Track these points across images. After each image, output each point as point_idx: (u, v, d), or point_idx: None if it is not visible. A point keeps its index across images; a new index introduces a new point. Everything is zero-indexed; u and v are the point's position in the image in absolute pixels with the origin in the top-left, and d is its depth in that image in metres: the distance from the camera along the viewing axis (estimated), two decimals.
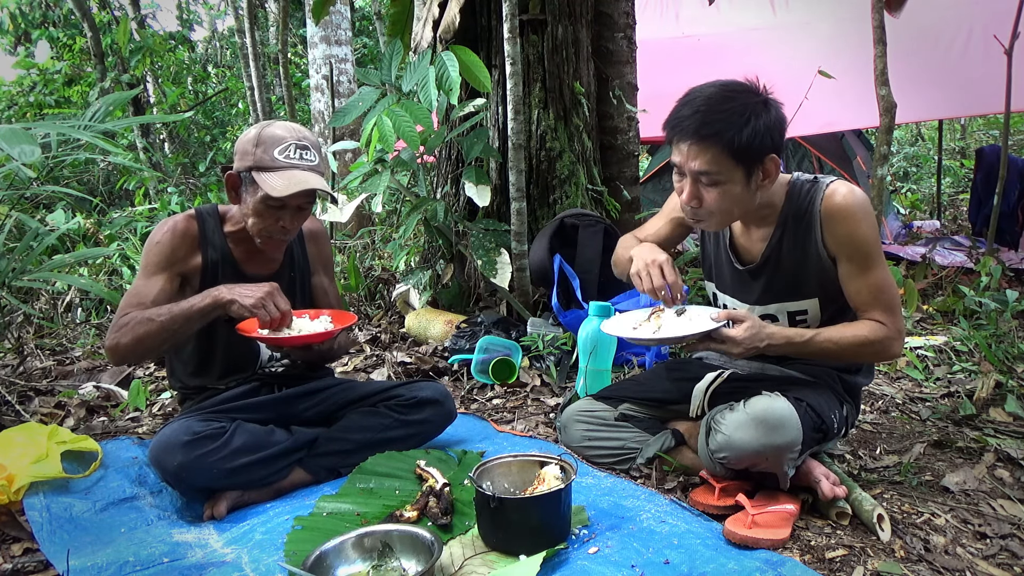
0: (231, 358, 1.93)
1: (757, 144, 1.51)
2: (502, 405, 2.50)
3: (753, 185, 1.58)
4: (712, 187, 1.56)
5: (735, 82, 1.57)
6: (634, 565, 1.42)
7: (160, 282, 1.78)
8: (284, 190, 1.70)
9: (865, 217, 1.59)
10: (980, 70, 4.95)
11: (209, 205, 1.92)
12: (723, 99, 1.53)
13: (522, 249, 3.09)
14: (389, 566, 1.42)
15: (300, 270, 2.03)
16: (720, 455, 1.60)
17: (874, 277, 1.61)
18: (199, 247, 1.85)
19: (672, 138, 1.58)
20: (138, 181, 6.99)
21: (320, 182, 1.76)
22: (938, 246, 4.93)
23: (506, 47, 2.96)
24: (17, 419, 2.31)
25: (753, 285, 1.76)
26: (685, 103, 1.56)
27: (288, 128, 1.79)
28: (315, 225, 2.09)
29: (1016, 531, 1.58)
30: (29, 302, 3.92)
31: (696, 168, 1.54)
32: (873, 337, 1.61)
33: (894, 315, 1.63)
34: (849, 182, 1.67)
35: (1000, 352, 2.66)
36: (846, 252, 1.62)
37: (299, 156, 1.76)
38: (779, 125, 1.55)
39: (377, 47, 11.14)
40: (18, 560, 1.53)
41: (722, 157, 1.52)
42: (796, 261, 1.67)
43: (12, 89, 9.87)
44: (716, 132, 1.50)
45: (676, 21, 6.14)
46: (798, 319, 1.74)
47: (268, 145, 1.74)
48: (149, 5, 10.31)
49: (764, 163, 1.56)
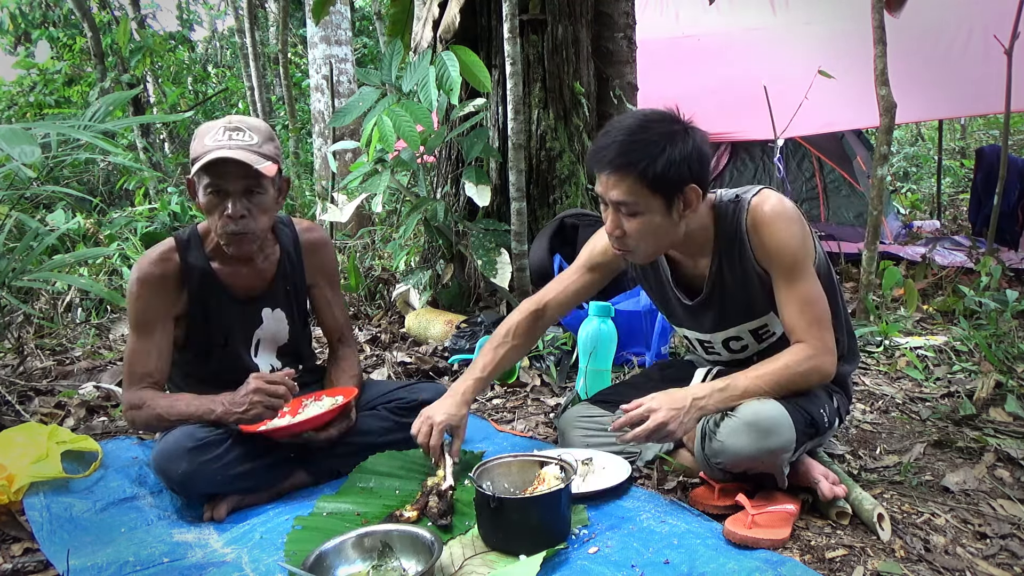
0: (229, 379, 1.86)
1: (673, 174, 1.51)
2: (502, 405, 2.50)
3: (675, 215, 1.57)
4: (632, 217, 1.57)
5: (655, 112, 1.58)
6: (634, 565, 1.42)
7: (155, 339, 1.76)
8: (198, 165, 1.63)
9: (787, 225, 1.58)
10: (980, 70, 4.94)
11: (189, 227, 1.85)
12: (639, 128, 1.54)
13: (522, 249, 3.09)
14: (389, 566, 1.42)
15: (295, 282, 1.95)
16: (716, 460, 1.60)
17: (801, 289, 1.59)
18: (182, 284, 1.78)
19: (592, 169, 1.60)
20: (138, 181, 6.99)
21: (244, 155, 1.63)
22: (938, 246, 4.93)
23: (506, 47, 2.96)
24: (17, 419, 2.30)
25: (705, 316, 1.76)
26: (605, 134, 1.58)
27: (227, 118, 1.72)
28: (315, 235, 2.01)
29: (1016, 531, 1.58)
30: (29, 302, 3.92)
31: (614, 198, 1.56)
32: (793, 361, 1.58)
33: (820, 332, 1.59)
34: (776, 191, 1.65)
35: (1000, 352, 2.65)
36: (772, 263, 1.61)
37: (227, 137, 1.66)
38: (698, 154, 1.54)
39: (377, 47, 11.14)
40: (18, 560, 1.53)
41: (638, 187, 1.53)
42: (739, 283, 1.67)
43: (12, 89, 9.87)
44: (630, 162, 1.51)
45: (676, 21, 6.14)
46: (761, 333, 1.74)
47: (201, 136, 1.69)
48: (149, 5, 10.32)
49: (684, 192, 1.55)
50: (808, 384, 1.62)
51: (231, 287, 1.84)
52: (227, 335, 1.86)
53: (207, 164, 1.64)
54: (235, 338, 1.88)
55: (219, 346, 1.85)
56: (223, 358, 1.86)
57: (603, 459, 1.80)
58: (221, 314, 1.84)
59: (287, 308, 1.96)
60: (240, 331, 1.89)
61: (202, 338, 1.83)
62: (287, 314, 1.96)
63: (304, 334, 2.05)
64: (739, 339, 1.77)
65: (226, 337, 1.86)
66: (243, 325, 1.89)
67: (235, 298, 1.85)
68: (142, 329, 1.76)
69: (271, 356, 1.97)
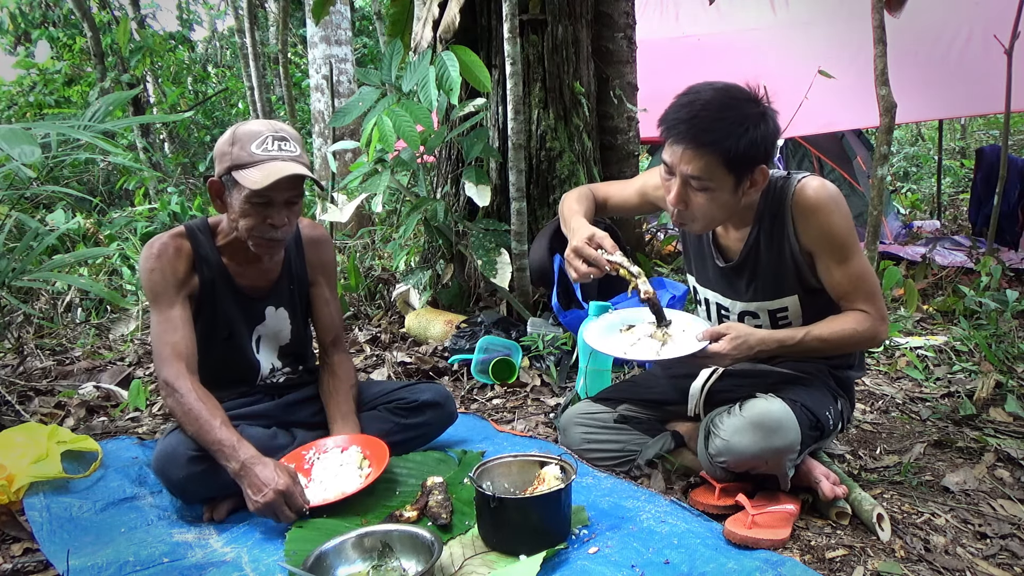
0: (231, 374, 1.90)
1: (751, 155, 1.51)
2: (502, 405, 2.50)
3: (740, 193, 1.58)
4: (700, 192, 1.56)
5: (736, 88, 1.56)
6: (634, 565, 1.42)
7: (177, 311, 1.73)
8: (264, 181, 1.64)
9: (836, 209, 1.60)
10: (980, 70, 4.94)
11: (199, 220, 1.85)
12: (723, 106, 1.52)
13: (522, 249, 3.09)
14: (389, 566, 1.42)
15: (298, 280, 1.97)
16: (720, 459, 1.60)
17: (852, 267, 1.62)
18: (194, 267, 1.79)
19: (667, 137, 1.57)
20: (138, 181, 7.00)
21: (302, 170, 1.69)
22: (938, 246, 4.93)
23: (506, 47, 2.96)
24: (17, 419, 2.31)
25: (737, 283, 1.76)
26: (684, 104, 1.54)
27: (263, 123, 1.74)
28: (317, 232, 2.02)
29: (1016, 531, 1.58)
30: (29, 302, 3.92)
31: (688, 172, 1.54)
32: (860, 328, 1.62)
33: (876, 302, 1.64)
34: (821, 177, 1.67)
35: (1000, 352, 2.66)
36: (821, 246, 1.62)
37: (277, 148, 1.69)
38: (774, 136, 1.55)
39: (377, 47, 11.13)
40: (18, 560, 1.53)
41: (715, 165, 1.52)
42: (773, 259, 1.68)
43: (12, 89, 9.87)
44: (713, 140, 1.50)
45: (676, 21, 6.14)
46: (779, 316, 1.74)
47: (244, 141, 1.68)
48: (149, 5, 10.31)
49: (754, 173, 1.56)
50: (863, 348, 1.77)
51: (238, 282, 1.85)
52: (231, 329, 1.86)
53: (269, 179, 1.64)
54: (237, 333, 1.88)
55: (223, 339, 1.85)
56: (226, 351, 1.86)
57: (681, 321, 1.75)
58: (226, 307, 1.84)
59: (290, 307, 1.96)
60: (243, 326, 1.89)
61: (207, 329, 1.82)
62: (290, 313, 1.96)
63: (306, 335, 2.05)
64: (756, 317, 1.76)
65: (230, 331, 1.86)
66: (246, 321, 1.89)
67: (240, 293, 1.86)
68: (162, 301, 1.73)
69: (272, 355, 1.97)
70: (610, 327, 1.79)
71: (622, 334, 1.75)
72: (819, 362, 1.76)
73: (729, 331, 1.61)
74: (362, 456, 1.77)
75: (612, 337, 1.74)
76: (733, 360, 1.62)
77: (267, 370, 1.96)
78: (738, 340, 1.60)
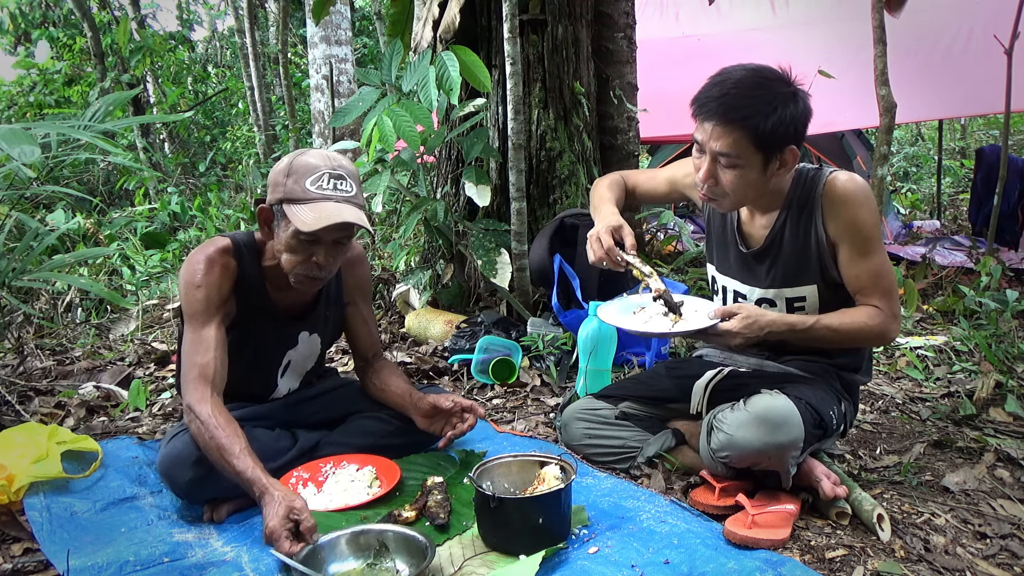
0: (246, 390, 1.86)
1: (780, 133, 1.53)
2: (502, 405, 2.50)
3: (769, 172, 1.60)
4: (730, 169, 1.58)
5: (767, 68, 1.59)
6: (634, 565, 1.42)
7: (211, 331, 1.65)
8: (314, 224, 1.56)
9: (866, 202, 1.62)
10: (980, 70, 4.94)
11: (246, 234, 1.76)
12: (754, 85, 1.55)
13: (522, 249, 3.09)
14: (383, 566, 1.42)
15: (334, 302, 1.92)
16: (722, 454, 1.60)
17: (873, 262, 1.64)
18: (236, 287, 1.71)
19: (698, 116, 1.60)
20: (138, 181, 7.00)
21: (356, 215, 1.62)
22: (938, 246, 4.93)
23: (506, 47, 2.96)
24: (17, 419, 2.30)
25: (757, 269, 1.77)
26: (716, 83, 1.58)
27: (323, 156, 1.65)
28: (354, 252, 1.93)
29: (1016, 531, 1.58)
30: (29, 302, 3.92)
31: (717, 149, 1.57)
32: (872, 323, 1.63)
33: (891, 300, 1.65)
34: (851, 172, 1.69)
35: (1000, 352, 2.66)
36: (847, 237, 1.64)
37: (332, 187, 1.61)
38: (804, 117, 1.58)
39: (377, 47, 11.14)
40: (18, 560, 1.53)
41: (744, 142, 1.54)
42: (797, 247, 1.69)
43: (12, 89, 9.88)
44: (743, 117, 1.52)
45: (676, 21, 6.14)
46: (796, 306, 1.75)
47: (300, 175, 1.60)
48: (149, 5, 10.32)
49: (783, 153, 1.58)
50: (871, 344, 1.79)
51: (276, 306, 1.80)
52: (257, 350, 1.81)
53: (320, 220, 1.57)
54: (265, 355, 1.84)
55: (248, 360, 1.79)
56: (248, 372, 1.81)
57: (693, 303, 1.77)
58: (259, 329, 1.79)
59: (323, 332, 1.93)
60: (274, 350, 1.85)
61: (234, 349, 1.74)
62: (321, 339, 1.94)
63: (324, 356, 2.04)
64: (773, 304, 1.76)
65: (255, 352, 1.81)
66: (278, 344, 1.86)
67: (277, 317, 1.81)
68: (199, 319, 1.65)
69: (295, 380, 1.95)
70: (624, 308, 1.82)
71: (635, 315, 1.78)
72: (826, 364, 1.77)
73: (740, 311, 1.63)
74: (374, 476, 1.77)
75: (627, 316, 1.77)
76: (744, 340, 1.62)
77: (283, 392, 1.94)
78: (749, 320, 1.61)
